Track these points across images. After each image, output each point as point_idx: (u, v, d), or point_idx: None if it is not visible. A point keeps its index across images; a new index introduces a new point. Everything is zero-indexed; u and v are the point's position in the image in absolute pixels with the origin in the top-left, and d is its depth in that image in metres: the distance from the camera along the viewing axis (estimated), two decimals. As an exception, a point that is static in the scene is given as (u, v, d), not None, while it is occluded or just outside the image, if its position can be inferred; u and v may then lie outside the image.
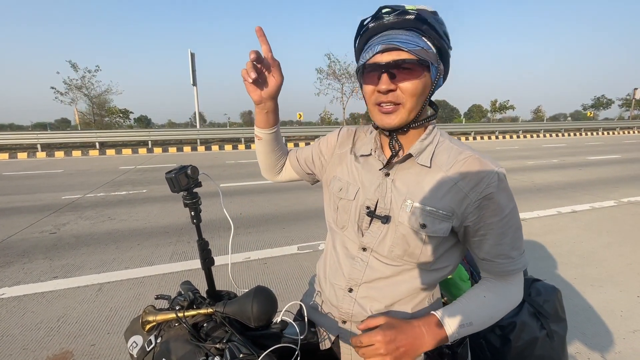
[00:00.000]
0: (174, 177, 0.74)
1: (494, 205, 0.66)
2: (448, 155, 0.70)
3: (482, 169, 0.66)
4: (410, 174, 0.72)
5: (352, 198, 0.77)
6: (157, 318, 0.76)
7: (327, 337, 0.83)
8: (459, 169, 0.68)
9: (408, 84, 0.64)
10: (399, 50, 0.63)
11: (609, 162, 9.06)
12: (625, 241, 3.38)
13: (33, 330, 2.09)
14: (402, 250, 0.70)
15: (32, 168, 9.50)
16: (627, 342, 1.90)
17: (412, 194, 0.69)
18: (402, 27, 0.64)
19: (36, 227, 4.13)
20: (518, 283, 0.72)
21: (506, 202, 0.66)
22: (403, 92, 0.65)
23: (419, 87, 0.64)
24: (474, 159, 0.68)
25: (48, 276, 2.81)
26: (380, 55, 0.64)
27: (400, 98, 0.65)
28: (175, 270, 2.86)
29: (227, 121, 30.28)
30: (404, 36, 0.63)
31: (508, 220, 0.67)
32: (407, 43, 0.63)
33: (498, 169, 0.66)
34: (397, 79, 0.64)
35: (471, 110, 47.58)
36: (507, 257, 0.68)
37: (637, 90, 31.23)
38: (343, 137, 0.87)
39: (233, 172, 8.19)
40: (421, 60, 0.63)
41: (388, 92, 0.65)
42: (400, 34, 0.64)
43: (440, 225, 0.67)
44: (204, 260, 0.83)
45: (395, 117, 0.67)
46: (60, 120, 36.76)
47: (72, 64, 19.88)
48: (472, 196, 0.66)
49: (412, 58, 0.62)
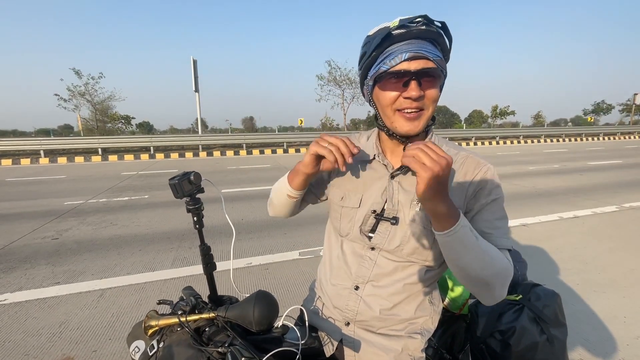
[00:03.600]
0: (177, 184, 0.75)
1: (485, 189, 0.73)
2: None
3: (477, 165, 0.75)
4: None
5: (356, 206, 0.80)
6: (159, 323, 0.76)
7: (329, 342, 0.84)
8: (459, 168, 0.75)
9: (432, 91, 0.69)
10: (426, 59, 0.66)
11: (610, 167, 9.03)
12: (628, 247, 3.36)
13: (35, 336, 2.10)
14: (412, 248, 0.74)
15: (35, 174, 9.55)
16: (630, 349, 1.88)
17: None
18: (424, 37, 0.67)
19: (38, 232, 4.15)
20: (509, 257, 0.71)
21: (494, 188, 0.73)
22: (428, 99, 0.69)
23: (438, 94, 0.70)
24: (470, 157, 0.76)
25: (50, 282, 2.82)
26: (407, 62, 0.66)
27: (425, 105, 0.70)
28: (177, 276, 2.86)
29: (228, 127, 30.36)
30: (429, 46, 0.67)
31: (495, 203, 0.73)
32: (432, 53, 0.66)
33: (489, 164, 0.75)
34: (422, 86, 0.68)
35: (472, 116, 47.64)
36: (495, 227, 0.72)
37: (637, 95, 31.22)
38: None
39: (234, 178, 8.22)
40: (441, 70, 0.68)
41: (417, 98, 0.68)
42: (424, 43, 0.67)
43: None
44: (206, 265, 0.84)
45: (419, 122, 0.71)
46: (63, 127, 37.07)
47: (76, 71, 20.12)
48: (471, 189, 0.73)
49: (435, 67, 0.67)
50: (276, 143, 17.47)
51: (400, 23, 0.67)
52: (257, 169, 10.00)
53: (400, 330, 0.78)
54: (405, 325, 0.79)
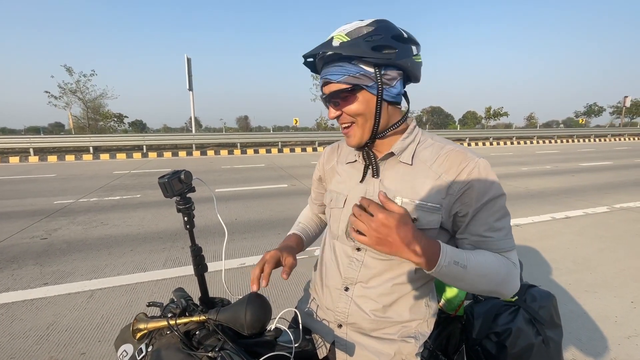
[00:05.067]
0: (167, 182, 0.73)
1: (477, 191, 0.68)
2: (431, 151, 0.74)
3: (463, 160, 0.70)
4: (396, 172, 0.75)
5: (341, 206, 0.81)
6: (148, 326, 0.74)
7: (322, 345, 0.82)
8: (442, 163, 0.71)
9: (347, 108, 0.71)
10: (331, 82, 0.70)
11: (601, 168, 9.18)
12: (619, 247, 3.40)
13: (21, 338, 2.04)
14: None
15: (24, 172, 9.37)
16: (622, 348, 1.90)
17: (401, 190, 0.73)
18: (332, 60, 0.69)
19: (27, 232, 4.06)
20: (513, 259, 0.70)
21: (489, 186, 0.68)
22: (348, 114, 0.72)
23: (359, 106, 0.71)
24: (456, 151, 0.72)
25: (38, 283, 2.76)
26: (324, 87, 0.73)
27: (347, 119, 0.73)
28: (169, 277, 2.82)
29: (222, 126, 30.20)
30: (334, 67, 0.69)
31: (493, 204, 0.68)
32: (335, 75, 0.69)
33: (479, 159, 0.70)
34: (340, 105, 0.72)
35: (465, 117, 48.09)
36: (496, 229, 0.69)
37: (627, 98, 31.84)
38: (327, 154, 0.94)
39: (228, 177, 8.16)
40: (353, 87, 0.69)
41: (336, 117, 0.74)
42: (332, 66, 0.70)
43: (430, 217, 0.70)
44: (197, 267, 0.82)
45: (355, 135, 0.74)
46: (54, 125, 36.44)
47: (67, 68, 19.81)
48: (455, 186, 0.69)
49: (341, 87, 0.69)
50: (271, 142, 17.41)
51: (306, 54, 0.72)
52: (252, 168, 9.95)
53: (393, 334, 0.77)
54: (399, 329, 0.77)
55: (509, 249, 0.69)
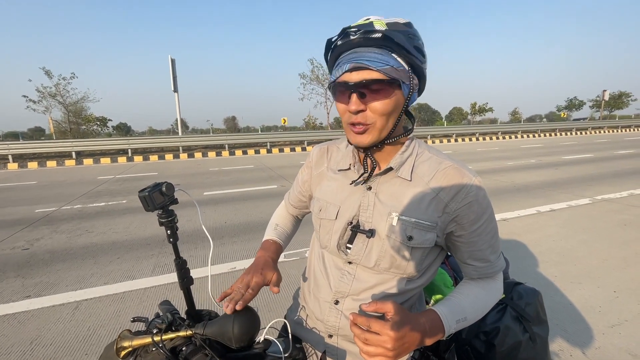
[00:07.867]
0: (147, 196, 0.71)
1: (473, 214, 0.68)
2: (429, 166, 0.72)
3: (461, 179, 0.68)
4: (392, 186, 0.72)
5: (333, 218, 0.77)
6: (132, 343, 0.72)
7: (313, 353, 0.82)
8: (440, 180, 0.69)
9: (378, 104, 0.63)
10: (368, 69, 0.61)
11: (582, 161, 9.44)
12: (601, 238, 3.51)
13: (3, 355, 1.97)
14: (389, 263, 0.71)
15: (3, 180, 9.05)
16: (606, 338, 1.96)
17: (396, 206, 0.70)
18: (371, 45, 0.62)
19: (7, 243, 3.92)
20: (499, 279, 0.77)
21: (484, 210, 0.69)
22: (373, 112, 0.64)
23: (390, 106, 0.64)
24: (454, 168, 0.70)
25: (20, 296, 2.67)
26: (349, 74, 0.63)
27: (370, 118, 0.65)
28: (158, 284, 2.77)
29: (210, 127, 29.80)
30: (373, 54, 0.61)
31: (486, 227, 0.70)
32: (375, 62, 0.60)
33: (475, 178, 0.69)
34: (366, 98, 0.63)
35: (452, 113, 48.72)
36: (487, 260, 0.73)
37: (605, 92, 32.84)
38: (316, 157, 0.88)
39: (217, 180, 8.06)
40: (391, 80, 0.61)
41: (358, 112, 0.64)
42: (369, 51, 0.62)
43: (426, 236, 0.69)
44: (182, 280, 0.80)
45: (367, 136, 0.66)
46: (33, 130, 35.34)
47: (46, 71, 19.19)
48: (452, 206, 0.68)
49: (381, 78, 0.61)
50: (259, 143, 17.29)
51: (342, 32, 0.64)
52: (241, 170, 9.85)
53: None
54: None
55: (500, 270, 0.74)
